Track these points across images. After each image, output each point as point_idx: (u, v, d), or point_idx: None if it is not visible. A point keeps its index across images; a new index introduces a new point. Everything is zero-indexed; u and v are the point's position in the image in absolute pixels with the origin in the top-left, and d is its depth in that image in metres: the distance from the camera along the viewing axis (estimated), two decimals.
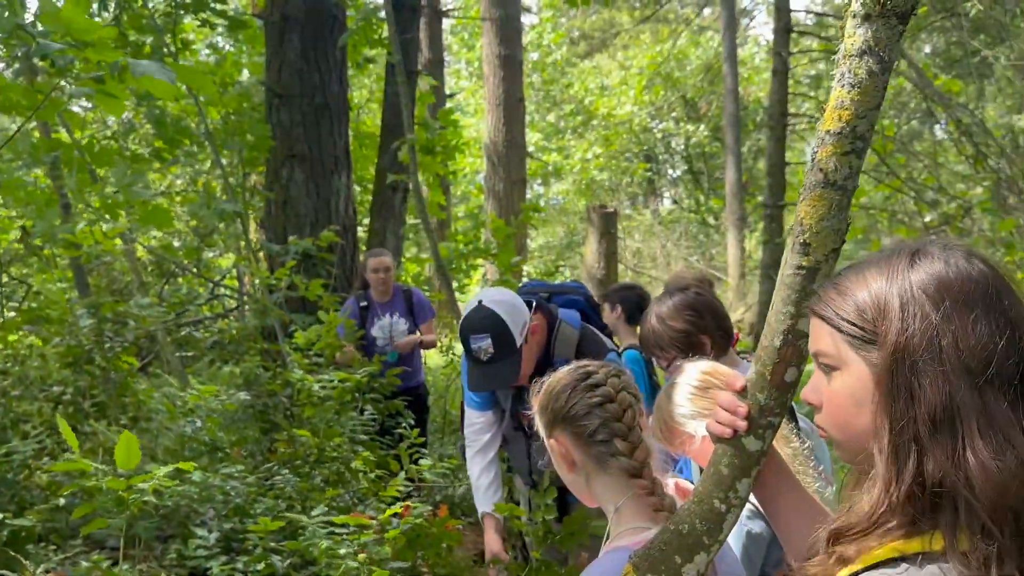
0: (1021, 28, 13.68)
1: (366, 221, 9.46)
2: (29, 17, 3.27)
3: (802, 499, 1.40)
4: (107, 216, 5.03)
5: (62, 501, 3.21)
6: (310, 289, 6.33)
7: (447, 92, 14.17)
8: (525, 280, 9.76)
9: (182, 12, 5.88)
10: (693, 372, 2.00)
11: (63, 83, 3.51)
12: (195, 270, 8.52)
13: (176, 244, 9.62)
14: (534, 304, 2.95)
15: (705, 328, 2.56)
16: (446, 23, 16.25)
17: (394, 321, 5.50)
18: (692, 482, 2.10)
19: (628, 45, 20.56)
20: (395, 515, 2.80)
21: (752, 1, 21.97)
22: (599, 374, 1.68)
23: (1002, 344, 0.99)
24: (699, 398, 1.95)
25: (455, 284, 8.28)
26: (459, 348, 7.86)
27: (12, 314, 5.85)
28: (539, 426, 1.71)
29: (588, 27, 22.20)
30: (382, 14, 6.96)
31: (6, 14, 2.93)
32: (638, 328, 3.98)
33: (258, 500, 3.38)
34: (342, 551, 2.51)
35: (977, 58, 12.28)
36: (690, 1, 20.32)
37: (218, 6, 5.71)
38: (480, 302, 2.81)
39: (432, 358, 8.57)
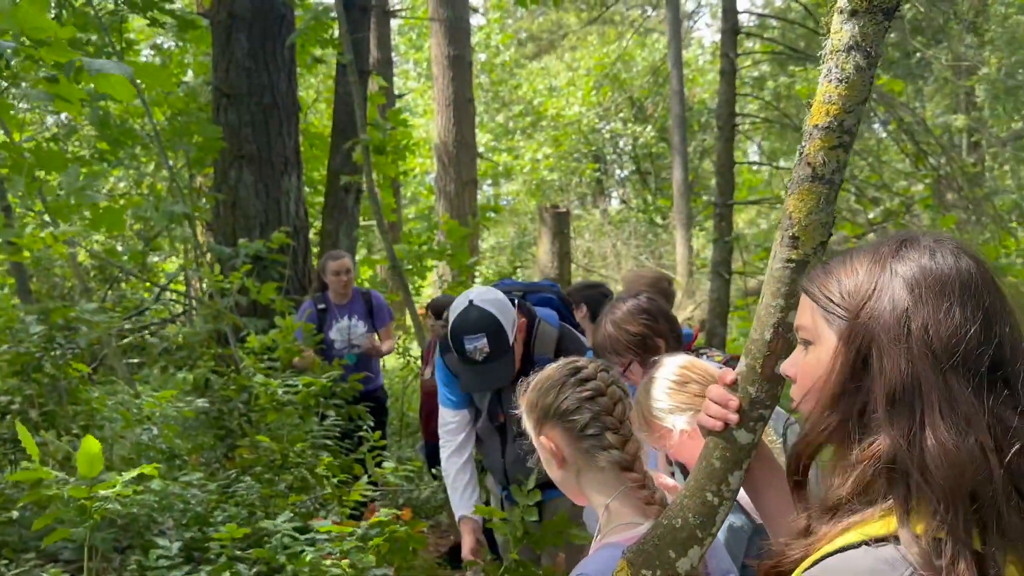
0: (956, 30, 14.12)
1: (317, 223, 9.35)
2: None
3: (783, 481, 1.41)
4: (51, 219, 4.86)
5: (15, 514, 3.09)
6: (262, 292, 6.23)
7: (396, 93, 14.07)
8: (478, 281, 9.73)
9: (126, 10, 5.71)
10: (671, 366, 2.01)
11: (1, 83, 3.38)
12: (140, 274, 8.31)
13: (119, 248, 9.38)
14: (515, 303, 2.94)
15: (660, 331, 2.60)
16: (393, 23, 16.14)
17: (353, 324, 5.44)
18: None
19: (576, 47, 20.67)
20: (379, 523, 2.76)
21: (696, 3, 22.29)
22: (588, 369, 1.68)
23: (973, 333, 1.01)
24: (677, 392, 1.96)
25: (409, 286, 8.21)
26: (416, 351, 7.83)
27: None
28: (527, 424, 1.70)
29: (536, 28, 22.27)
30: (332, 13, 6.87)
31: None
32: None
33: (219, 507, 3.30)
34: (328, 562, 2.46)
35: (916, 58, 12.63)
36: (636, 3, 20.52)
37: (167, 5, 5.57)
38: (471, 302, 2.77)
39: (388, 360, 8.49)
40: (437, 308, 5.16)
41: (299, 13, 7.68)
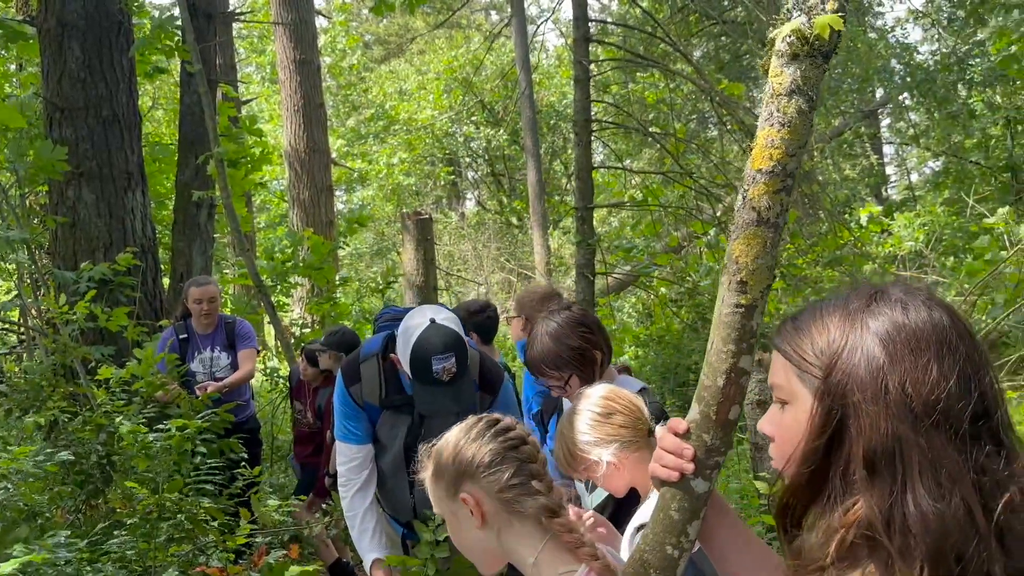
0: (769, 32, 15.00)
1: (166, 239, 8.83)
2: None
3: (737, 530, 1.40)
4: None
5: None
6: (113, 318, 5.82)
7: (241, 99, 13.52)
8: (340, 297, 9.46)
9: None
10: (594, 398, 1.99)
11: None
12: None
13: None
14: None
15: (597, 343, 2.58)
16: (234, 26, 15.48)
17: (215, 355, 5.15)
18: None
19: (424, 50, 20.54)
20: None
21: (540, 9, 22.65)
22: (505, 421, 1.65)
23: (952, 387, 1.00)
24: (602, 424, 1.94)
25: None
26: (284, 370, 7.51)
27: None
28: (436, 489, 1.63)
29: (383, 32, 21.97)
30: (176, 21, 6.48)
31: None
32: (495, 345, 3.94)
33: (93, 564, 3.02)
34: None
35: (753, 60, 13.31)
36: (481, 7, 20.62)
37: None
38: (433, 321, 2.64)
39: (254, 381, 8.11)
40: (311, 355, 5.00)
41: (137, 21, 7.22)
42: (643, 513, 1.93)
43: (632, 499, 2.01)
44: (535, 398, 3.29)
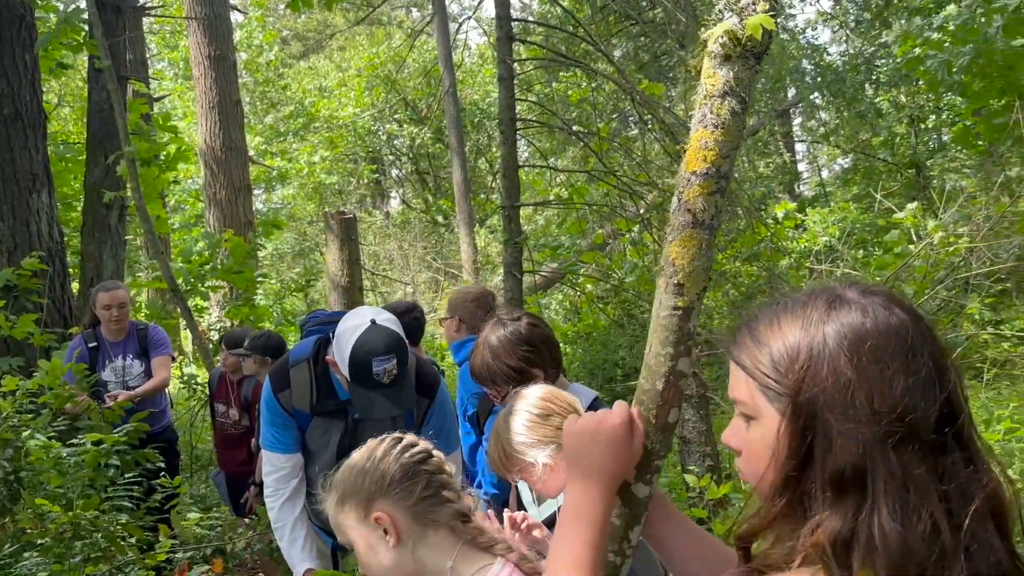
0: (700, 33, 15.27)
1: (74, 241, 8.48)
2: None
3: (681, 523, 1.39)
4: None
5: None
6: (18, 326, 5.57)
7: (153, 96, 13.09)
8: (260, 299, 9.23)
9: None
10: (531, 399, 1.97)
11: None
12: None
13: None
14: None
15: (539, 362, 2.51)
16: (146, 21, 14.96)
17: (128, 363, 4.94)
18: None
19: (344, 47, 20.22)
20: None
21: (462, 7, 22.57)
22: (407, 438, 1.68)
23: (919, 397, 0.97)
24: (539, 426, 1.92)
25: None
26: (203, 376, 7.28)
27: None
28: (343, 515, 1.64)
29: (301, 27, 21.56)
30: (83, 15, 6.21)
31: None
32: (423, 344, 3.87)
33: None
34: None
35: (672, 61, 13.50)
36: (402, 4, 20.42)
37: None
38: (374, 322, 2.57)
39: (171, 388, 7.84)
40: (232, 342, 4.84)
41: (40, 15, 6.90)
42: None
43: None
44: (470, 399, 3.26)
